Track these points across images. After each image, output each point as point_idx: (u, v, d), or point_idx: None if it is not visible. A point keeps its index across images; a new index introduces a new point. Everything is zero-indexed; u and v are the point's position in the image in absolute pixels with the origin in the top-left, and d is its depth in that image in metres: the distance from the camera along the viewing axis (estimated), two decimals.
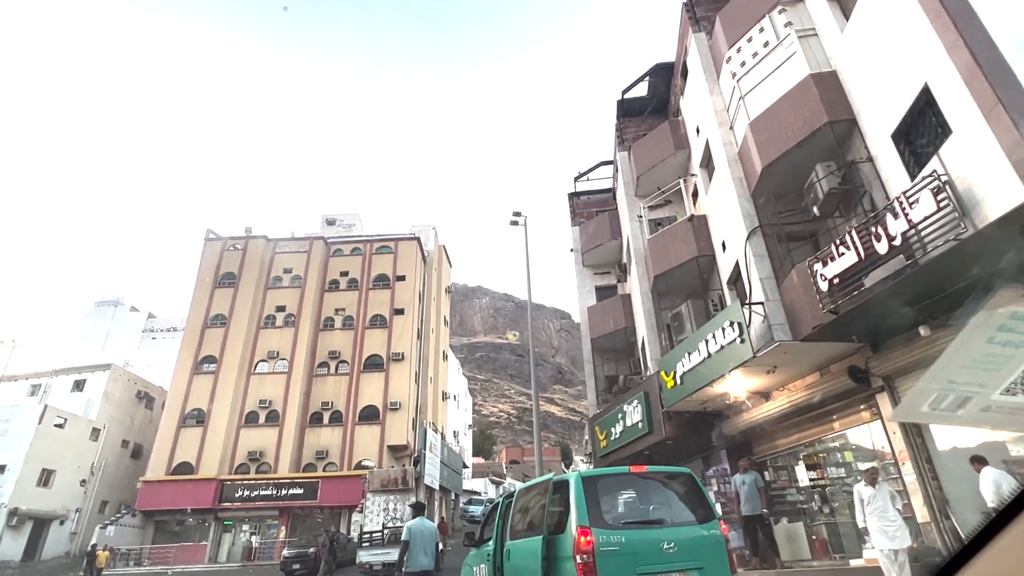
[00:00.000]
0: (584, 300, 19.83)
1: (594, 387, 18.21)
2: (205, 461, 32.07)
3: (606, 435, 15.43)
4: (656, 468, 6.03)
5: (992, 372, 1.04)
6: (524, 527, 6.25)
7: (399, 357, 35.29)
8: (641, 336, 15.68)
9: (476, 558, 7.88)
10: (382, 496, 27.56)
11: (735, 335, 9.94)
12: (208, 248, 39.35)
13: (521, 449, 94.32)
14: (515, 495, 6.88)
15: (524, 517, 6.38)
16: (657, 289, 14.33)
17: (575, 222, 21.75)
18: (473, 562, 7.96)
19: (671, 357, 12.36)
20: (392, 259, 39.41)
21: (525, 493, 6.58)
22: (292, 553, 21.39)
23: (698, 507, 5.72)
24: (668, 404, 12.44)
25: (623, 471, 6.02)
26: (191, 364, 34.90)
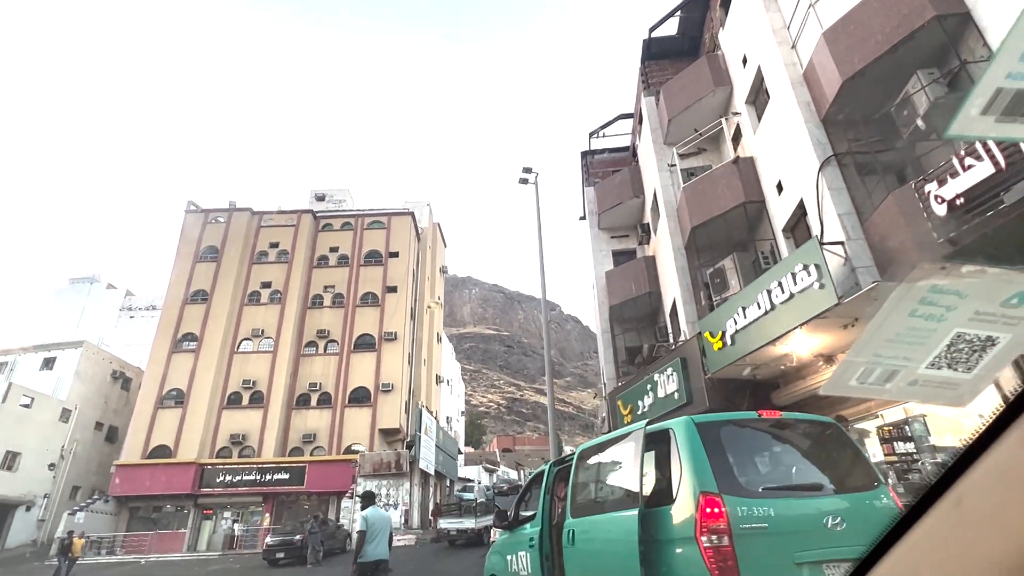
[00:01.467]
0: (600, 266, 18.09)
1: (612, 359, 16.52)
2: (184, 444, 30.10)
3: (630, 410, 13.75)
4: (794, 415, 4.29)
5: (916, 346, 1.06)
6: (598, 499, 4.50)
7: (391, 337, 33.43)
8: (671, 299, 13.99)
9: (510, 545, 6.14)
10: (374, 481, 25.78)
11: (812, 280, 8.23)
12: (189, 220, 37.11)
13: (512, 438, 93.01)
14: (576, 457, 5.12)
15: (596, 486, 4.62)
16: (695, 243, 12.59)
17: (589, 182, 19.97)
18: (506, 549, 6.22)
19: (717, 316, 10.67)
20: (385, 235, 37.43)
21: (594, 452, 4.81)
22: (276, 541, 19.60)
23: (856, 468, 4.00)
24: (713, 370, 10.76)
25: (751, 416, 4.28)
26: (170, 341, 32.80)
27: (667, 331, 14.91)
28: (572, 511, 4.75)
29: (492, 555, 6.68)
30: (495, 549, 6.65)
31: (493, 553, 6.66)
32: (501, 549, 6.38)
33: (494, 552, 6.63)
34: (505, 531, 6.42)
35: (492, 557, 6.66)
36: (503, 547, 6.34)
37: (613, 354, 16.55)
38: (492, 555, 6.68)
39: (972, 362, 1.06)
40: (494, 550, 6.68)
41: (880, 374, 1.12)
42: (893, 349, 1.08)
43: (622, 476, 4.18)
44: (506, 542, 6.31)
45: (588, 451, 4.94)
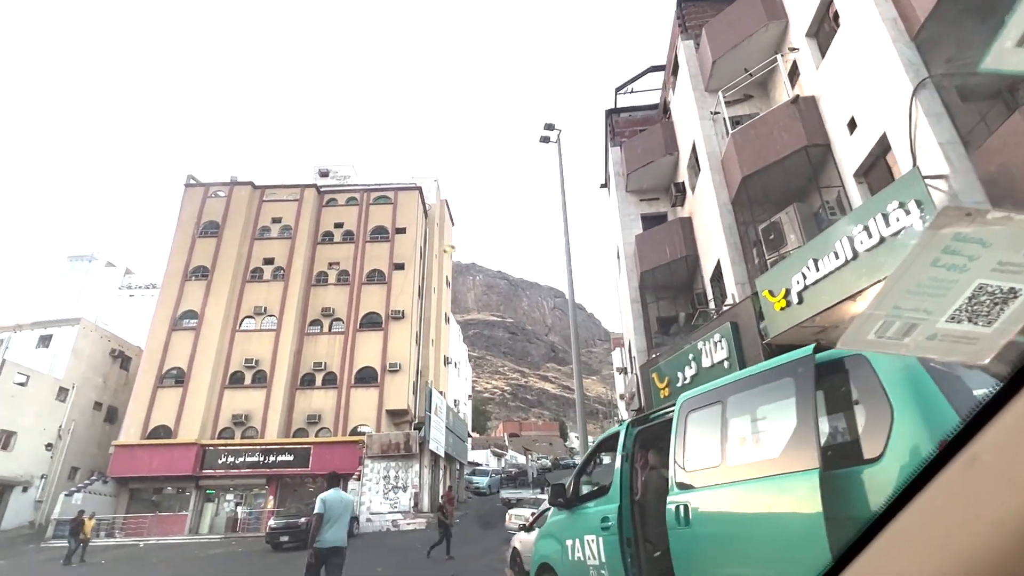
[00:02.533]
0: (628, 230, 16.74)
1: (643, 330, 15.23)
2: (185, 425, 29.07)
3: (667, 382, 12.48)
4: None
5: (937, 298, 1.01)
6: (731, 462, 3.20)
7: (399, 315, 32.22)
8: (714, 261, 12.65)
9: (568, 527, 4.90)
10: (382, 463, 24.70)
11: (912, 219, 6.90)
12: (189, 195, 35.81)
13: (519, 423, 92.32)
14: (679, 410, 3.82)
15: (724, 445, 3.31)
16: (745, 196, 11.22)
17: (615, 143, 18.57)
18: (564, 533, 4.97)
19: (779, 272, 9.35)
20: (391, 210, 36.06)
21: (712, 400, 3.50)
22: (280, 524, 18.54)
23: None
24: (773, 333, 9.45)
25: None
26: (170, 319, 31.66)
27: (706, 297, 13.60)
28: (680, 481, 3.48)
29: (543, 540, 5.45)
30: (547, 532, 5.42)
31: (544, 538, 5.42)
32: (556, 532, 5.15)
33: (546, 536, 5.40)
34: (561, 510, 5.17)
35: (543, 543, 5.42)
36: (559, 530, 5.10)
37: (644, 325, 15.26)
38: (543, 540, 5.45)
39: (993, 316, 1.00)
40: (545, 534, 5.45)
41: (899, 328, 1.06)
42: (913, 301, 1.02)
43: (773, 427, 2.89)
44: (563, 523, 5.07)
45: (699, 400, 3.64)
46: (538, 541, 5.60)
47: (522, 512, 16.96)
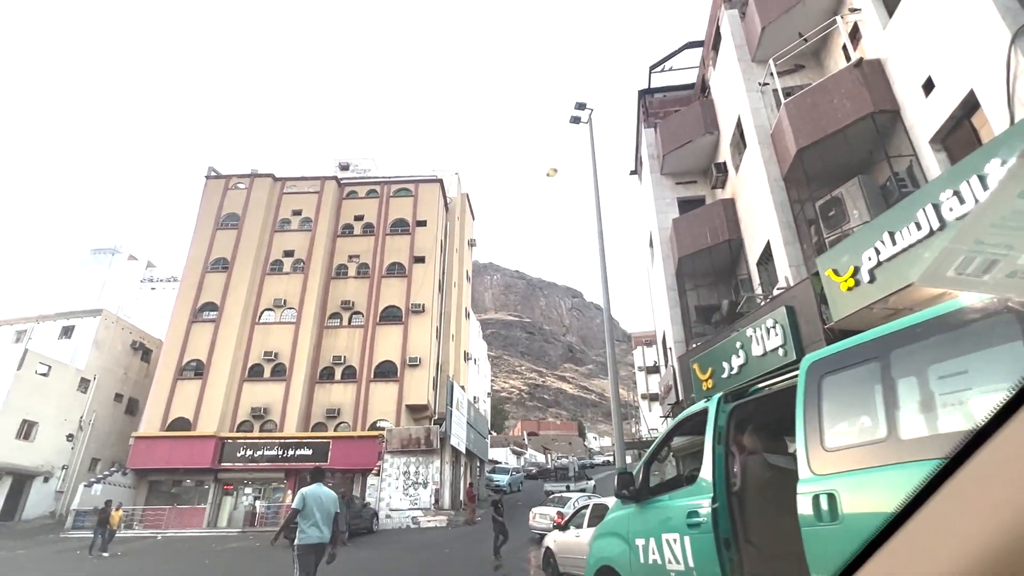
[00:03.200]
0: (663, 215, 15.88)
1: (680, 320, 14.36)
2: (204, 417, 28.79)
3: (711, 373, 11.62)
4: None
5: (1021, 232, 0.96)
6: (916, 435, 2.37)
7: (419, 309, 31.63)
8: (762, 242, 11.75)
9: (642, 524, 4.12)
10: (402, 458, 24.12)
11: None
12: (209, 187, 35.64)
13: (537, 423, 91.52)
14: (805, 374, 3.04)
15: (897, 414, 2.47)
16: (801, 171, 10.31)
17: (648, 124, 17.70)
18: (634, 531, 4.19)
19: (847, 249, 8.44)
20: (412, 203, 35.51)
21: (861, 357, 2.67)
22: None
23: None
24: (837, 316, 8.54)
25: None
26: (189, 310, 31.44)
27: (751, 283, 12.72)
28: (815, 465, 2.69)
29: (603, 539, 4.68)
30: (608, 530, 4.64)
31: (605, 537, 4.65)
32: (622, 530, 4.36)
33: (607, 535, 4.62)
34: (626, 504, 4.40)
35: (603, 543, 4.65)
36: (626, 527, 4.31)
37: (681, 314, 14.40)
38: (603, 539, 4.68)
39: None
40: (607, 532, 4.68)
41: (980, 264, 1.01)
42: (997, 235, 0.97)
43: (983, 383, 2.08)
44: (630, 520, 4.29)
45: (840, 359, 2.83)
46: (596, 540, 4.82)
47: (547, 511, 16.20)
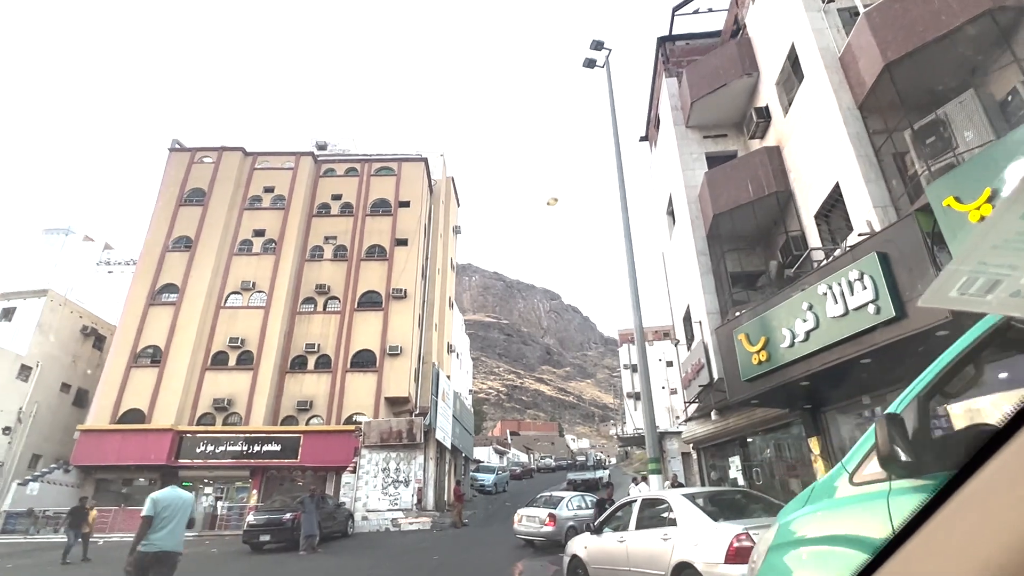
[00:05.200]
0: (690, 171, 13.94)
1: (712, 288, 12.43)
2: (160, 408, 26.06)
3: (764, 343, 9.63)
4: None
5: None
6: None
7: (401, 294, 29.29)
8: (827, 187, 9.82)
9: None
10: (381, 453, 21.77)
11: None
12: (173, 160, 32.81)
13: (518, 423, 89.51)
14: None
15: None
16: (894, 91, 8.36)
17: (669, 73, 15.78)
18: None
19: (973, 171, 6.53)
20: (394, 182, 33.15)
21: None
22: (261, 520, 15.60)
23: None
24: None
25: None
26: (147, 292, 28.64)
27: (804, 240, 10.83)
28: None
29: (789, 551, 2.54)
30: (803, 538, 2.51)
31: (795, 546, 2.51)
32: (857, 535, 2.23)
33: (798, 544, 2.49)
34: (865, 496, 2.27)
35: (790, 555, 2.51)
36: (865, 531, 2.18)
37: (713, 281, 12.47)
38: (789, 551, 2.54)
39: None
40: (795, 540, 2.54)
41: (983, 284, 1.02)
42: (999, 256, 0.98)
43: None
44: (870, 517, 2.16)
45: None
46: (770, 555, 2.68)
47: (536, 512, 14.06)
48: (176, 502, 5.92)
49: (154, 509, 5.69)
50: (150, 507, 5.69)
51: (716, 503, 6.26)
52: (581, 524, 14.40)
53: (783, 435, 12.71)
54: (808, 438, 10.80)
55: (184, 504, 6.01)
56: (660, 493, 6.77)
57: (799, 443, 12.47)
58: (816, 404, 10.52)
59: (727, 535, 5.31)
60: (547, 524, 13.64)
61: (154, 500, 5.76)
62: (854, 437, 10.31)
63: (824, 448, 10.49)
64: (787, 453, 12.84)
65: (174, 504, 5.87)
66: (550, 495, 15.58)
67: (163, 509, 5.73)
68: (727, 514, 5.95)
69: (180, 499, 5.98)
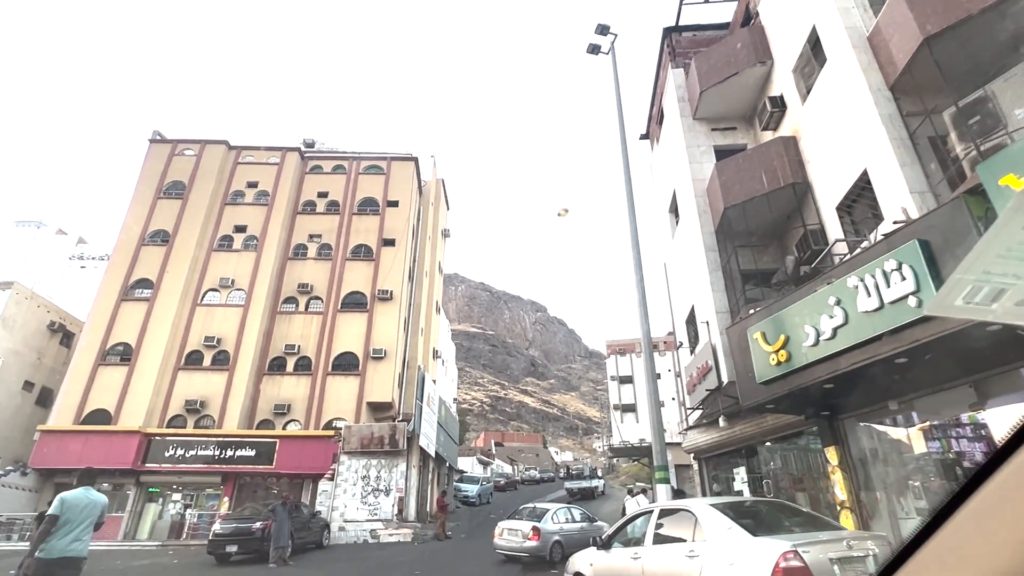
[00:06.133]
0: (697, 164, 13.23)
1: (722, 286, 11.66)
2: (128, 409, 24.69)
3: (783, 342, 8.85)
4: None
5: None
6: None
7: (386, 296, 28.28)
8: (852, 176, 9.10)
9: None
10: (361, 460, 20.64)
11: None
12: (153, 152, 31.61)
13: (502, 433, 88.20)
14: None
15: None
16: (935, 66, 7.68)
17: (676, 64, 15.13)
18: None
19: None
20: (383, 181, 32.23)
21: None
22: (227, 529, 14.41)
23: None
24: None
25: None
26: (120, 287, 27.33)
27: (824, 233, 10.11)
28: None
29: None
30: None
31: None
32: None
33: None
34: None
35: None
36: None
37: (723, 279, 11.71)
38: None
39: None
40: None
41: (987, 293, 1.04)
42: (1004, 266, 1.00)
43: None
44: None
45: None
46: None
47: (518, 526, 13.08)
48: (86, 505, 5.63)
49: (61, 509, 5.39)
50: (57, 506, 5.40)
51: (749, 515, 5.38)
52: (568, 538, 13.45)
53: (794, 444, 11.94)
54: (825, 448, 10.01)
55: (93, 507, 5.71)
56: (683, 502, 5.88)
57: (809, 454, 11.71)
58: (835, 410, 9.74)
59: (772, 553, 4.44)
60: (530, 538, 12.64)
61: (63, 500, 5.49)
62: (875, 448, 9.55)
63: (843, 459, 9.70)
64: (797, 464, 12.07)
65: (83, 507, 5.57)
66: (534, 507, 14.55)
67: (69, 510, 5.43)
68: (766, 528, 5.09)
69: (91, 502, 5.70)
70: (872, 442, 9.53)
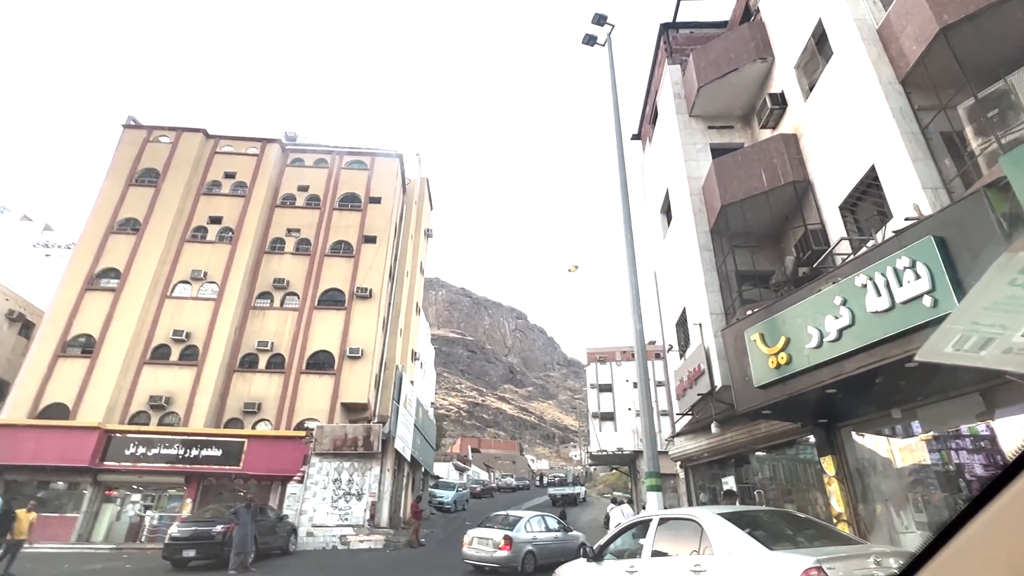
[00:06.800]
0: (692, 162, 12.82)
1: (716, 286, 11.22)
2: (88, 404, 23.47)
3: (784, 344, 8.40)
4: None
5: (1014, 314, 1.01)
6: None
7: (365, 294, 27.47)
8: (858, 173, 8.74)
9: None
10: (333, 462, 19.80)
11: None
12: (127, 138, 30.43)
13: (479, 440, 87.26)
14: None
15: None
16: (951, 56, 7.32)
17: (673, 61, 14.77)
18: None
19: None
20: (366, 177, 31.46)
21: None
22: (186, 532, 13.50)
23: None
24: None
25: None
26: (85, 275, 26.10)
27: (824, 233, 9.73)
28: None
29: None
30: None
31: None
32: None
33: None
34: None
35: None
36: None
37: (717, 279, 11.28)
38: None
39: None
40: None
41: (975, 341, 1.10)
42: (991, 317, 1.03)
43: None
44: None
45: None
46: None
47: (489, 534, 12.45)
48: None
49: None
50: None
51: (760, 525, 4.85)
52: (542, 549, 12.84)
53: (783, 454, 11.51)
54: (821, 457, 9.57)
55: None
56: (688, 511, 5.32)
57: (799, 464, 11.29)
58: (834, 418, 9.32)
59: (793, 570, 3.91)
60: (502, 548, 11.99)
61: None
62: (875, 458, 9.14)
63: (840, 469, 9.27)
64: (787, 474, 11.64)
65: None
66: (507, 514, 13.88)
67: None
68: (781, 541, 4.57)
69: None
70: (871, 452, 9.12)
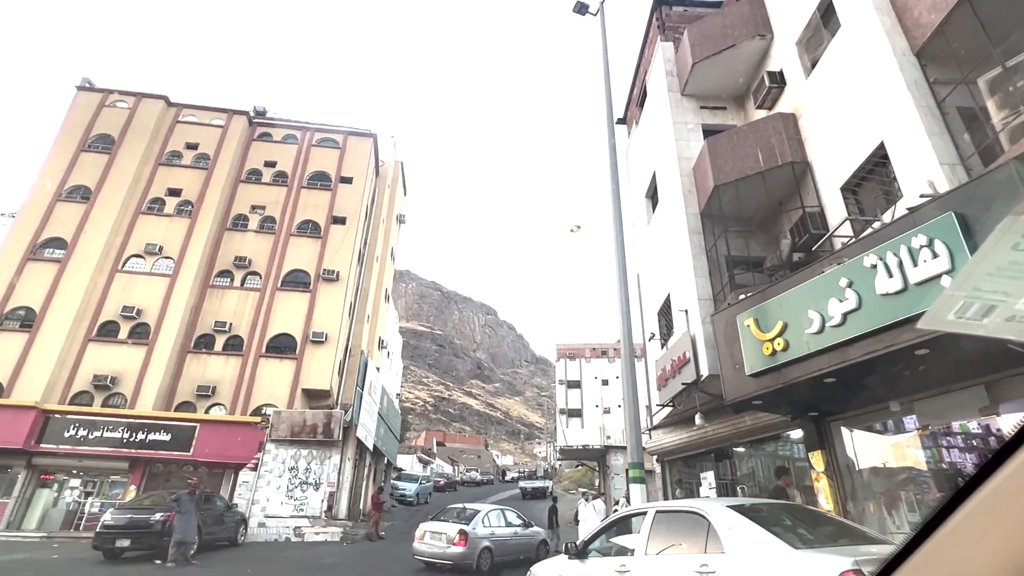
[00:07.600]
0: (684, 142, 12.22)
1: (705, 271, 10.65)
2: (25, 381, 21.81)
3: (781, 329, 7.84)
4: None
5: (1018, 280, 1.01)
6: None
7: (332, 277, 26.32)
8: (864, 151, 8.21)
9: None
10: (290, 449, 18.72)
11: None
12: (81, 100, 28.55)
13: (444, 433, 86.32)
14: None
15: None
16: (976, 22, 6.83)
17: (666, 37, 14.16)
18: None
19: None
20: (338, 156, 30.19)
21: None
22: (121, 520, 12.34)
23: None
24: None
25: None
26: (27, 244, 24.31)
27: (823, 216, 9.23)
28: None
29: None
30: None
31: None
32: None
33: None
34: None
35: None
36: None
37: (707, 264, 10.71)
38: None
39: None
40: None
41: (978, 309, 1.06)
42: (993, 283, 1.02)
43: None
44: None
45: None
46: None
47: (443, 528, 11.67)
48: None
49: None
50: None
51: (775, 521, 4.18)
52: (501, 545, 12.11)
53: (762, 450, 11.03)
54: (809, 452, 9.07)
55: None
56: (692, 503, 4.61)
57: (778, 460, 10.83)
58: (824, 411, 8.82)
59: (830, 572, 3.24)
60: (456, 543, 11.17)
61: None
62: (867, 453, 8.67)
63: (829, 464, 8.78)
64: (766, 469, 11.16)
65: None
66: (463, 507, 13.07)
67: None
68: (803, 539, 3.91)
69: None
70: (863, 447, 8.65)
